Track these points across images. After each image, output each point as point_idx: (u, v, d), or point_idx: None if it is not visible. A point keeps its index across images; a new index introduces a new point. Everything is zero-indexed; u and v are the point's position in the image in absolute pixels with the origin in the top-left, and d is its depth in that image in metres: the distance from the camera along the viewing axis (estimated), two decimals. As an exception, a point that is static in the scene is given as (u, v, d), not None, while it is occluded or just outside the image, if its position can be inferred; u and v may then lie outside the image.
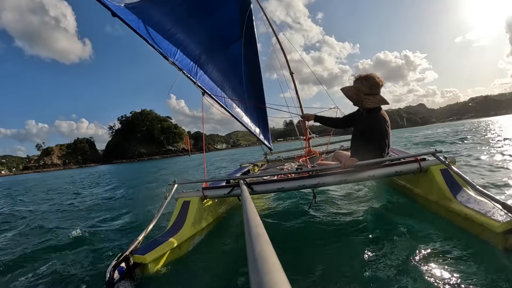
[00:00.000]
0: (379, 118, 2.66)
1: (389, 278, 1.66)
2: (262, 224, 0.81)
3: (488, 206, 1.86)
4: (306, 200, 3.81)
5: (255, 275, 0.50)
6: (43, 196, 9.44)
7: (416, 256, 1.84)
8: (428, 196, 2.51)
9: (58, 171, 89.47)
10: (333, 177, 2.52)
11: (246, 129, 5.01)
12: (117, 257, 1.81)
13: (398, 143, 13.81)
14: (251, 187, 2.58)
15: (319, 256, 2.10)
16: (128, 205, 5.48)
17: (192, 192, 2.78)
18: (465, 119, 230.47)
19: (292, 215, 3.26)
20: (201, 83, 3.95)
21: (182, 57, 3.78)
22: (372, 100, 2.70)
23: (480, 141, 10.56)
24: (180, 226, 2.43)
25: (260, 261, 0.54)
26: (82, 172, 38.10)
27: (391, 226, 2.48)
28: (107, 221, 4.21)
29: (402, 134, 28.36)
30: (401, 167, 2.52)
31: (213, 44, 4.47)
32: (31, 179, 31.79)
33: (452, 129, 28.77)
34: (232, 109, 4.64)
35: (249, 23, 4.97)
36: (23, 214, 5.65)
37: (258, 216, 0.91)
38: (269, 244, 0.64)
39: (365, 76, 2.74)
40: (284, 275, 0.50)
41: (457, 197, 2.17)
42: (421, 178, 2.62)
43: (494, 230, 1.66)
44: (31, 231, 4.00)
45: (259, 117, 5.40)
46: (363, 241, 2.26)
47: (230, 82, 4.77)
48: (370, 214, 2.91)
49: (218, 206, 3.10)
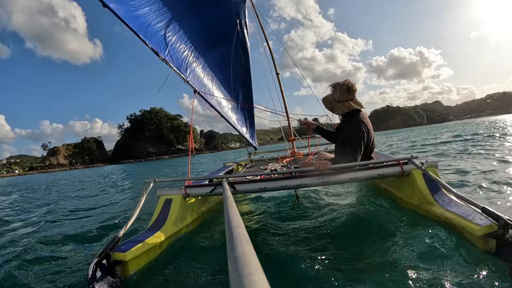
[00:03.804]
0: (354, 123, 2.64)
1: (371, 278, 1.64)
2: (243, 224, 0.80)
3: (469, 210, 1.88)
4: (289, 201, 3.81)
5: (235, 276, 0.50)
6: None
7: (397, 256, 1.85)
8: (410, 200, 2.54)
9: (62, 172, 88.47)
10: (315, 178, 2.50)
11: (235, 129, 5.00)
12: (98, 254, 1.79)
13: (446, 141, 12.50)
14: (234, 186, 2.55)
15: (300, 257, 2.02)
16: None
17: (174, 190, 2.74)
18: (483, 116, 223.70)
19: (274, 216, 3.29)
20: (191, 81, 3.91)
21: (173, 53, 3.70)
22: (340, 107, 2.73)
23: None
24: (162, 224, 2.42)
25: (240, 261, 0.54)
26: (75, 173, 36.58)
27: (373, 227, 2.47)
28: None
29: (435, 131, 25.73)
30: (383, 170, 2.50)
31: (203, 41, 4.39)
32: (28, 181, 30.06)
33: (474, 127, 26.94)
34: (221, 108, 4.63)
35: (241, 21, 5.07)
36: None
37: (239, 215, 0.90)
38: (249, 244, 0.63)
39: (336, 83, 2.75)
40: (264, 276, 0.49)
41: (438, 200, 2.20)
42: (404, 181, 2.64)
43: (475, 234, 1.69)
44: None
45: (247, 116, 5.40)
46: (344, 242, 2.28)
47: (219, 81, 4.72)
48: (353, 215, 2.90)
49: (201, 204, 3.10)
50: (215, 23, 4.56)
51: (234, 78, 4.97)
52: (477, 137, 12.42)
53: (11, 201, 9.23)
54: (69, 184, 15.53)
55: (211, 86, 4.42)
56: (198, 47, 4.18)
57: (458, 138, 13.26)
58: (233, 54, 4.92)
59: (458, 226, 1.85)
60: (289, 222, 2.98)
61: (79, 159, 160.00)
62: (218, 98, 4.52)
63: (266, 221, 3.07)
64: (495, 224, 1.63)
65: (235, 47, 4.95)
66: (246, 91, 5.26)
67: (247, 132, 5.32)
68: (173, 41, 3.74)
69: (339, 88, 2.69)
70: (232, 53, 4.91)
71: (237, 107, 5.01)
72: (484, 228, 1.65)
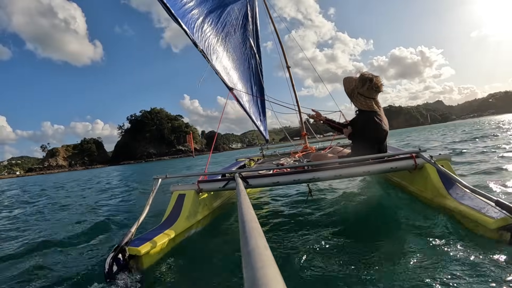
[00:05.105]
0: (369, 116, 2.61)
1: (386, 272, 1.61)
2: (256, 218, 0.79)
3: (483, 203, 1.86)
4: (302, 195, 3.80)
5: (249, 269, 0.49)
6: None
7: (412, 250, 1.82)
8: (423, 193, 2.51)
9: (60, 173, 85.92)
10: (328, 172, 2.47)
11: (252, 122, 5.01)
12: (114, 249, 1.79)
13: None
14: (247, 181, 2.53)
15: (313, 251, 1.99)
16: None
17: (188, 185, 2.73)
18: (486, 115, 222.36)
19: (287, 210, 3.26)
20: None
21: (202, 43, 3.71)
22: (360, 101, 2.66)
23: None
24: (175, 219, 2.41)
25: (253, 255, 0.54)
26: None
27: (387, 221, 2.45)
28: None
29: (447, 130, 24.98)
30: (396, 164, 2.47)
31: (223, 33, 4.34)
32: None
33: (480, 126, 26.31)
34: (244, 103, 4.60)
35: (253, 14, 5.11)
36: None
37: (252, 210, 0.90)
38: (263, 238, 0.63)
39: (367, 77, 2.62)
40: (278, 269, 0.49)
41: (452, 193, 2.17)
42: (416, 175, 2.62)
43: (489, 227, 1.67)
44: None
45: (260, 109, 5.37)
46: (358, 236, 2.22)
47: (238, 73, 4.65)
48: (366, 209, 2.91)
49: (214, 199, 3.06)
50: (232, 15, 4.58)
51: (249, 70, 4.97)
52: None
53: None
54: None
55: (234, 79, 4.38)
56: (219, 39, 4.17)
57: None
58: (248, 46, 4.96)
59: (471, 219, 1.82)
60: (302, 216, 2.96)
61: (78, 160, 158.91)
62: (240, 92, 4.49)
63: (279, 216, 3.06)
64: (509, 217, 1.61)
65: (248, 38, 4.97)
66: (259, 83, 5.23)
67: (261, 124, 5.32)
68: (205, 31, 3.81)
69: (368, 84, 2.59)
70: (248, 44, 4.94)
71: (252, 100, 4.94)
72: (498, 221, 1.63)
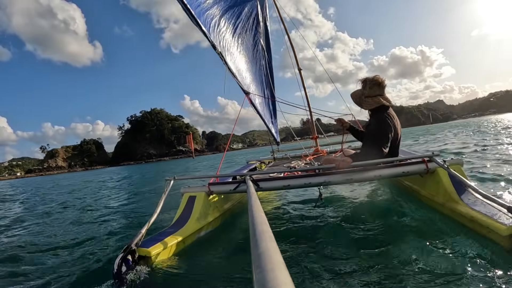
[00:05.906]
0: (381, 118, 2.59)
1: (396, 277, 1.61)
2: (267, 221, 0.79)
3: (495, 209, 1.84)
4: (312, 199, 3.78)
5: (259, 271, 0.49)
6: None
7: (423, 255, 1.80)
8: (434, 198, 2.47)
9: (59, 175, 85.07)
10: (339, 176, 2.46)
11: (265, 125, 4.97)
12: (123, 249, 1.80)
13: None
14: (257, 184, 2.51)
15: (323, 255, 2.00)
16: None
17: (198, 187, 2.75)
18: (487, 115, 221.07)
19: (298, 213, 3.26)
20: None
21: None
22: (368, 102, 2.68)
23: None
24: (185, 220, 2.42)
25: (263, 257, 0.54)
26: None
27: (397, 227, 2.43)
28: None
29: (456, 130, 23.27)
30: (407, 168, 2.45)
31: (236, 35, 4.33)
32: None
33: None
34: (257, 105, 4.56)
35: (264, 15, 5.09)
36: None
37: (263, 213, 0.89)
38: (273, 241, 0.63)
39: (366, 78, 2.70)
40: (288, 272, 0.49)
41: (464, 199, 2.15)
42: (428, 179, 2.60)
43: (501, 233, 1.64)
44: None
45: (272, 111, 5.30)
46: (369, 240, 2.21)
47: (251, 75, 4.62)
48: (377, 213, 2.86)
49: (224, 202, 3.07)
50: (243, 17, 4.55)
51: (261, 71, 4.95)
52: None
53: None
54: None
55: (247, 81, 4.34)
56: (233, 40, 4.16)
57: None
58: (259, 47, 4.95)
59: (483, 225, 1.80)
60: (312, 220, 2.94)
61: (78, 161, 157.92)
62: (254, 95, 4.45)
63: (290, 219, 3.06)
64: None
65: (259, 39, 4.93)
66: (270, 86, 5.18)
67: (272, 127, 5.28)
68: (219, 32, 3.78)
69: (369, 83, 2.65)
70: (260, 46, 4.93)
71: (264, 102, 4.90)
72: (511, 228, 1.60)
